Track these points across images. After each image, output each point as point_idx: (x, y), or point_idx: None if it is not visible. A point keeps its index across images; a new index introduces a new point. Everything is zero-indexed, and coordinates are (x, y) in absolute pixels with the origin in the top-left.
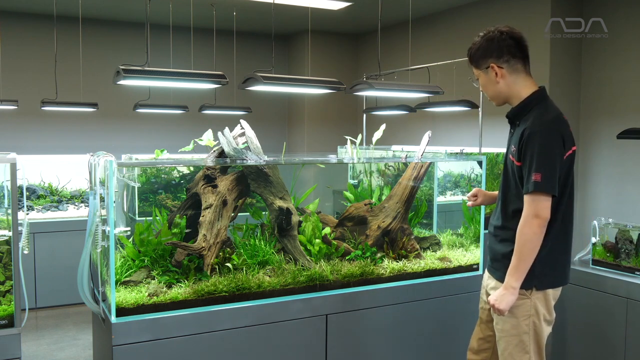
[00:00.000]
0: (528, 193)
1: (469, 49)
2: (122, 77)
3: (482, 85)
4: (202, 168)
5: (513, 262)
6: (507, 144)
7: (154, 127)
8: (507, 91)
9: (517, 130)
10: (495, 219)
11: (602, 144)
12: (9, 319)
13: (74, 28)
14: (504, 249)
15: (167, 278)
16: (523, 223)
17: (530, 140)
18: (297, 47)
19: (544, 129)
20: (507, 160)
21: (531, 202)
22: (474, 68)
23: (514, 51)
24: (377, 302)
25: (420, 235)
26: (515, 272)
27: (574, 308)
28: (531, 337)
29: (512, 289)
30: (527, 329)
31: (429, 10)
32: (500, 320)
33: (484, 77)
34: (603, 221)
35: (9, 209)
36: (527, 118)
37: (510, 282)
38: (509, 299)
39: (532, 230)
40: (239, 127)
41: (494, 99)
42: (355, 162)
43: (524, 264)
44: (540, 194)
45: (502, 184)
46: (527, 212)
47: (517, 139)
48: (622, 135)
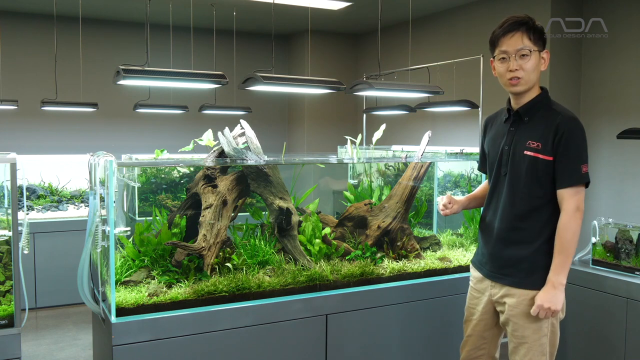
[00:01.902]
0: (573, 185)
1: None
2: (122, 77)
3: (531, 65)
4: (202, 168)
5: (559, 259)
6: (510, 140)
7: (154, 127)
8: (535, 82)
9: (531, 125)
10: (499, 222)
11: (602, 144)
12: (9, 319)
13: (74, 28)
14: (520, 252)
15: (167, 278)
16: (568, 218)
17: (573, 131)
18: (297, 47)
19: (578, 122)
20: (517, 156)
21: (574, 195)
22: (530, 41)
23: None
24: (377, 302)
25: (420, 235)
26: (562, 269)
27: (574, 308)
28: (549, 339)
29: (561, 286)
30: (547, 332)
31: (429, 10)
32: (520, 327)
33: (537, 58)
34: (603, 221)
35: (9, 209)
36: (544, 113)
37: (560, 280)
38: (561, 297)
39: (577, 224)
40: (239, 127)
41: (528, 84)
42: (355, 162)
43: (570, 259)
44: (582, 186)
45: (509, 183)
46: (570, 206)
47: (542, 134)
48: (622, 135)
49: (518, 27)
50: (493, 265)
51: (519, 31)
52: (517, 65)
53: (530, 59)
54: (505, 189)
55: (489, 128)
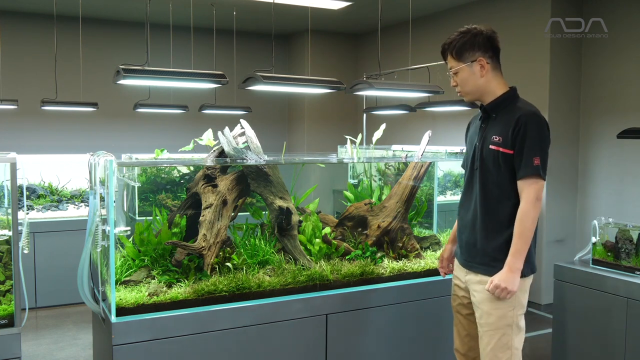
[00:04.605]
0: (528, 177)
1: (450, 41)
2: (122, 77)
3: (462, 80)
4: (202, 168)
5: (516, 245)
6: (480, 136)
7: (154, 127)
8: (485, 87)
9: (495, 123)
10: (472, 212)
11: (602, 143)
12: (9, 319)
13: (74, 28)
14: (489, 242)
15: (167, 278)
16: (528, 206)
17: (529, 126)
18: (297, 47)
19: (538, 117)
20: (485, 151)
21: (532, 185)
22: (454, 60)
23: (495, 49)
24: (377, 302)
25: (420, 235)
26: (520, 255)
27: (574, 308)
28: (513, 330)
29: (517, 271)
30: (511, 321)
31: (429, 10)
32: (485, 314)
33: (467, 71)
34: (603, 221)
35: (9, 208)
36: (509, 110)
37: (516, 264)
38: (517, 281)
39: (536, 213)
40: (239, 127)
41: (470, 94)
42: (355, 162)
43: (527, 245)
44: (537, 177)
45: (480, 176)
46: (529, 196)
47: (503, 129)
48: (622, 135)
49: (444, 53)
50: (467, 254)
51: (445, 55)
52: (454, 82)
53: (460, 74)
54: (477, 182)
55: (469, 128)
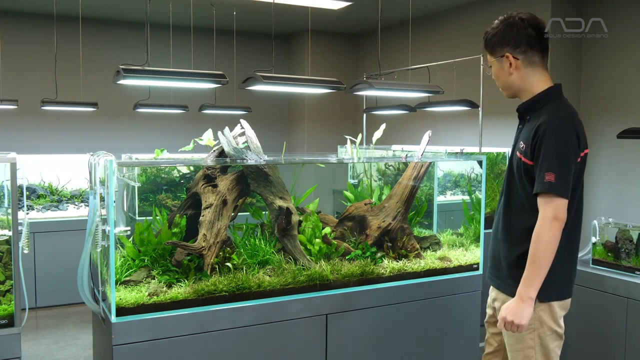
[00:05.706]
0: (540, 193)
1: (485, 32)
2: (122, 77)
3: (494, 74)
4: (202, 168)
5: (529, 271)
6: (515, 141)
7: (154, 127)
8: (519, 84)
9: (526, 126)
10: (496, 222)
11: (602, 143)
12: (9, 319)
13: (74, 28)
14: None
15: (167, 278)
16: (541, 227)
17: (546, 136)
18: (297, 47)
19: (560, 126)
20: (514, 157)
21: (548, 203)
22: (488, 53)
23: (532, 42)
24: (377, 302)
25: (420, 235)
26: (531, 282)
27: (574, 308)
28: (537, 352)
29: (530, 300)
30: (532, 344)
31: (429, 10)
32: (506, 334)
33: (497, 66)
34: (603, 221)
35: (9, 208)
36: (540, 113)
37: (527, 293)
38: (528, 312)
39: (552, 234)
40: (239, 127)
41: (505, 89)
42: (355, 162)
43: (542, 271)
44: (554, 196)
45: (506, 183)
46: (544, 215)
47: (528, 135)
48: (622, 135)
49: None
50: (490, 266)
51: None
52: (494, 77)
53: (493, 68)
54: (504, 189)
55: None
